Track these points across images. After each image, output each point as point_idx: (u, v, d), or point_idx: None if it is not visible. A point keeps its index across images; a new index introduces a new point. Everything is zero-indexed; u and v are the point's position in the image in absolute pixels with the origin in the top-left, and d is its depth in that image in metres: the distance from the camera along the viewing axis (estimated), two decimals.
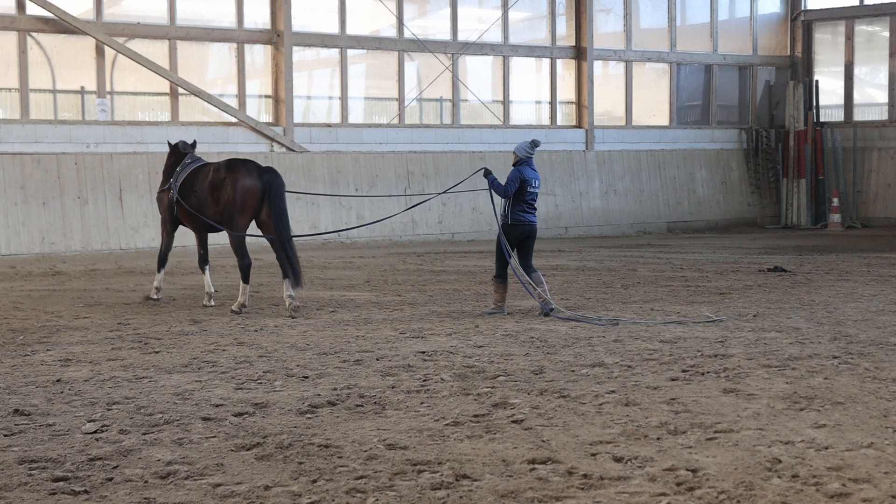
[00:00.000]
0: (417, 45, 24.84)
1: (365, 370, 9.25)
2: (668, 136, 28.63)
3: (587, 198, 27.08)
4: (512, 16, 26.36)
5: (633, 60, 28.22)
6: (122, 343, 10.65)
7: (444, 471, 6.28)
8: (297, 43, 23.43)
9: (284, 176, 22.37)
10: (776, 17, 30.59)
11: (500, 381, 8.77)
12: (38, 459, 6.43)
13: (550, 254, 21.00)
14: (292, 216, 22.31)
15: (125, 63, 21.57)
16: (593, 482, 6.07)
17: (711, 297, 14.17)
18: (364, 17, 24.67)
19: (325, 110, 24.41)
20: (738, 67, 30.02)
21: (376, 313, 12.84)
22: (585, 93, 27.16)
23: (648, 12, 28.84)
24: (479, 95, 25.99)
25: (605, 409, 7.72)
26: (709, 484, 5.97)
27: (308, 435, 7.06)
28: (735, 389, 8.30)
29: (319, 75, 25.03)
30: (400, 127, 24.76)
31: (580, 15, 27.08)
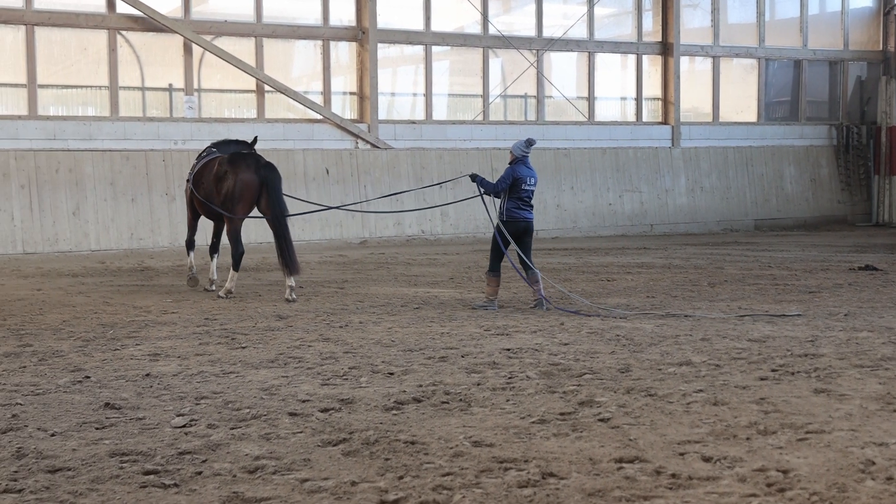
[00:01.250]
0: (502, 42, 24.79)
1: (450, 367, 9.24)
2: (755, 133, 28.27)
3: (673, 195, 26.84)
4: (597, 11, 26.20)
5: (720, 56, 27.90)
6: (209, 338, 10.76)
7: (531, 469, 6.24)
8: (382, 40, 23.51)
9: (368, 173, 22.66)
10: (868, 11, 30.04)
11: (587, 379, 8.71)
12: (128, 452, 6.51)
13: (636, 251, 20.85)
14: (377, 214, 22.54)
15: (212, 60, 21.82)
16: (682, 482, 5.99)
17: (800, 295, 13.96)
18: (449, 14, 24.69)
19: (409, 107, 24.47)
20: (828, 63, 29.55)
21: (460, 310, 12.84)
22: (672, 89, 26.91)
23: (736, 7, 28.49)
24: (563, 92, 25.88)
25: (693, 409, 7.62)
26: (800, 485, 5.86)
27: (394, 431, 7.06)
28: (826, 389, 8.15)
29: (404, 72, 25.10)
30: (484, 124, 24.74)
31: (667, 10, 26.84)
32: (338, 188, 22.47)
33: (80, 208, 20.12)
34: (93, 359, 9.63)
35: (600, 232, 25.45)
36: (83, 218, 20.14)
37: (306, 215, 21.98)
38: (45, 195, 19.88)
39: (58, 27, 20.68)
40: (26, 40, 20.39)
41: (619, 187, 26.07)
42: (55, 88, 21.00)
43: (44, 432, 6.98)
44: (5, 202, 19.58)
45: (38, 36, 20.54)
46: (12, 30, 20.39)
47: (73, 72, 21.15)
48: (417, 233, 23.21)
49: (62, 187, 20.06)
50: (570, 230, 25.16)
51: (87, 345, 10.38)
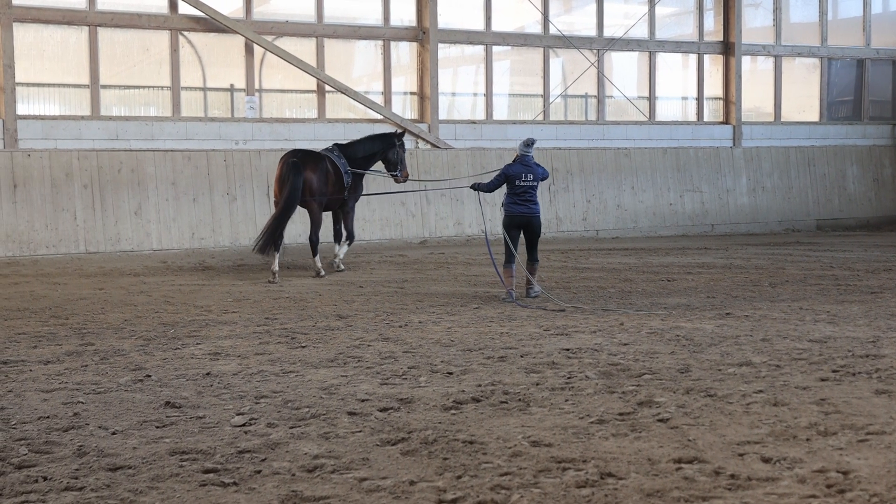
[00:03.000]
0: (562, 42, 24.75)
1: (509, 367, 9.25)
2: (817, 133, 27.99)
3: (734, 195, 26.64)
4: (658, 11, 26.08)
5: (782, 55, 27.66)
6: (269, 338, 10.85)
7: (589, 469, 6.24)
8: (443, 40, 23.56)
9: (429, 172, 22.70)
10: None
11: (646, 379, 8.68)
12: (188, 451, 6.58)
13: (696, 251, 20.73)
14: (438, 213, 22.58)
15: (273, 61, 21.98)
16: (741, 482, 5.96)
17: (863, 295, 13.81)
18: (509, 14, 24.69)
19: (469, 107, 24.50)
20: (891, 62, 29.19)
21: (520, 310, 12.84)
22: (733, 88, 26.72)
23: (798, 6, 28.24)
24: (624, 91, 25.79)
25: (752, 409, 7.58)
26: (860, 486, 5.82)
27: (453, 431, 7.08)
28: (888, 391, 8.07)
29: (464, 72, 25.12)
30: (544, 123, 24.72)
31: (728, 10, 26.66)
32: (397, 188, 22.55)
33: (142, 208, 20.36)
34: (154, 358, 9.75)
35: (661, 232, 25.34)
36: (145, 217, 20.38)
37: (368, 216, 22.06)
38: (107, 195, 20.14)
39: (120, 28, 20.93)
40: (89, 41, 20.67)
41: (680, 187, 25.93)
42: (118, 89, 21.27)
43: (105, 430, 7.08)
44: (68, 202, 19.86)
45: (100, 37, 20.81)
46: (75, 31, 20.68)
47: (136, 72, 21.41)
48: (478, 233, 23.22)
49: (124, 187, 20.31)
50: (631, 230, 25.05)
51: (148, 344, 10.51)
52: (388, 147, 17.69)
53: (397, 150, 17.69)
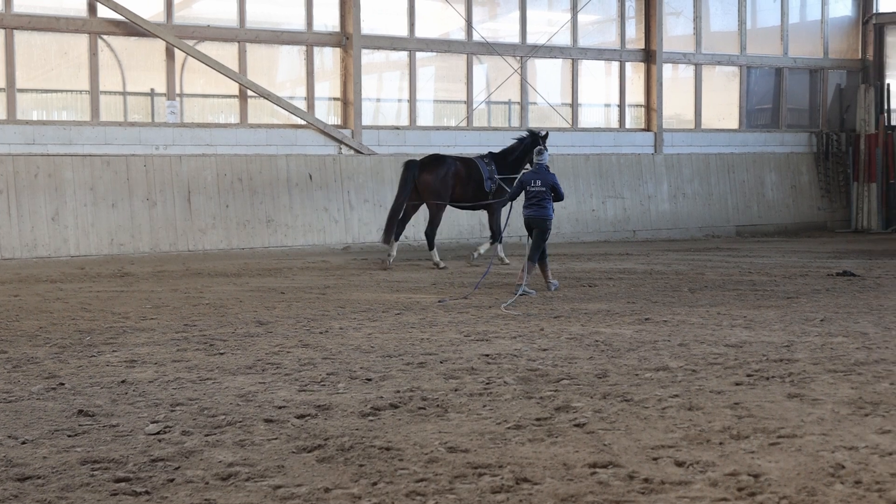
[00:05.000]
0: (486, 48, 24.84)
1: (428, 373, 9.26)
2: (737, 140, 28.37)
3: (655, 201, 26.91)
4: (581, 18, 26.27)
5: (702, 63, 27.99)
6: (187, 344, 10.76)
7: (505, 474, 6.27)
8: (366, 45, 23.54)
9: (352, 178, 22.68)
10: (847, 20, 30.18)
11: (564, 384, 8.74)
12: (100, 460, 6.50)
13: (618, 257, 20.90)
14: (361, 219, 22.56)
15: (195, 65, 21.81)
16: (654, 486, 6.03)
17: (779, 301, 14.02)
18: (433, 20, 24.73)
19: (394, 113, 24.50)
20: (808, 71, 29.68)
21: (442, 316, 12.86)
22: (654, 96, 27.00)
23: (718, 15, 28.59)
24: (547, 98, 25.94)
25: (668, 414, 7.66)
26: (770, 489, 5.91)
27: (370, 437, 7.08)
28: (800, 394, 8.20)
29: (389, 78, 25.12)
30: (468, 129, 24.79)
31: (650, 18, 26.93)
32: (321, 193, 22.49)
33: (60, 213, 20.09)
34: (68, 365, 9.62)
35: (583, 238, 25.51)
36: (62, 223, 20.10)
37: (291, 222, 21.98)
38: (23, 200, 19.85)
39: (38, 31, 20.64)
40: (6, 44, 20.35)
41: (602, 193, 26.13)
42: (35, 93, 20.97)
43: (14, 440, 6.97)
44: None
45: (17, 40, 20.50)
46: None
47: (54, 76, 21.12)
48: (401, 238, 23.20)
49: (41, 192, 20.02)
50: (554, 236, 25.15)
51: (63, 351, 10.36)
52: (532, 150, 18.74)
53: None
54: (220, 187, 21.41)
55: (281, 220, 21.97)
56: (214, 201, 21.29)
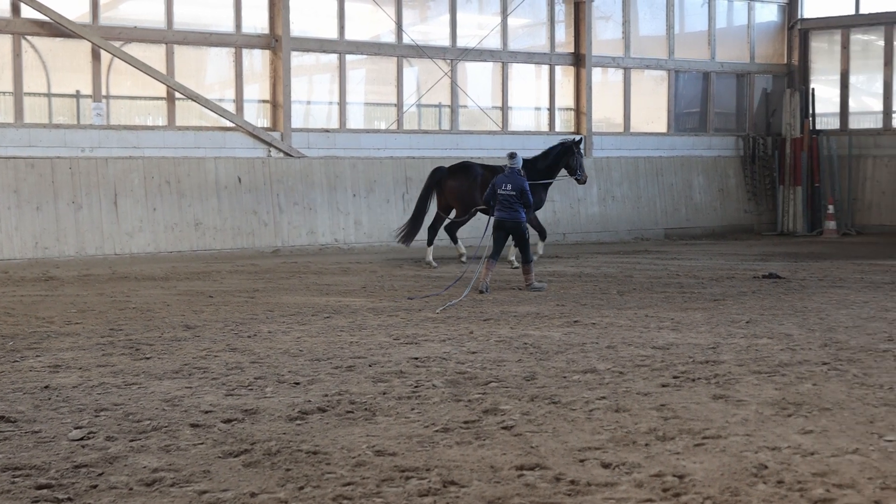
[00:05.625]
0: (416, 51, 24.85)
1: (357, 376, 9.24)
2: (665, 143, 28.62)
3: (585, 204, 27.06)
4: (511, 22, 26.37)
5: (631, 67, 28.22)
6: (112, 349, 10.64)
7: (432, 477, 6.28)
8: (296, 48, 23.43)
9: (281, 181, 22.57)
10: (773, 25, 30.59)
11: (492, 387, 8.77)
12: (22, 467, 6.41)
13: (548, 260, 20.99)
14: (291, 222, 22.45)
15: (121, 67, 21.58)
16: (580, 488, 6.06)
17: (706, 303, 14.17)
18: (364, 23, 24.68)
19: (324, 115, 24.41)
20: (735, 75, 30.04)
21: (371, 319, 12.83)
22: (584, 99, 27.16)
23: (647, 20, 28.84)
24: (477, 101, 26.00)
25: (595, 416, 7.72)
26: (695, 490, 5.97)
27: (297, 441, 7.05)
28: (725, 395, 8.29)
29: (319, 80, 25.03)
30: (398, 132, 24.77)
31: (579, 22, 27.09)
32: (250, 197, 22.35)
33: None
34: None
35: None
36: None
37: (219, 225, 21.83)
38: None
39: None
40: None
41: None
42: None
43: None
44: None
45: None
46: None
47: None
48: (331, 241, 23.16)
49: None
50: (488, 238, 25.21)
51: None
52: (567, 155, 19.78)
53: (576, 156, 19.77)
54: (147, 190, 21.20)
55: (209, 224, 21.81)
56: (142, 204, 21.07)
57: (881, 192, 28.87)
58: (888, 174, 28.77)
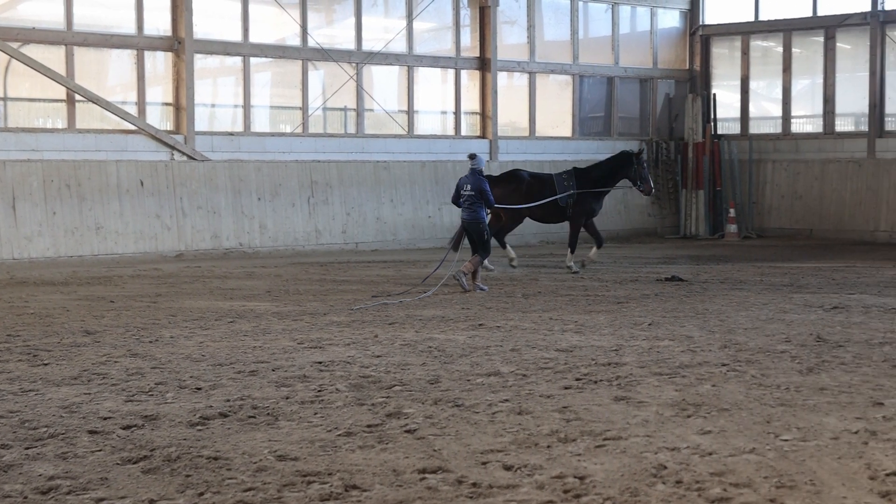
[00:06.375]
0: (321, 55, 24.76)
1: (260, 381, 9.18)
2: (570, 147, 28.85)
3: None
4: (417, 26, 26.39)
5: (536, 72, 28.42)
6: (9, 355, 10.43)
7: (334, 481, 6.26)
8: (199, 50, 23.20)
9: (185, 185, 22.33)
10: (675, 31, 31.02)
11: (396, 390, 8.76)
12: None
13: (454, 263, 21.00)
14: (194, 226, 22.22)
15: (20, 69, 21.18)
16: (482, 491, 6.08)
17: (609, 305, 14.30)
18: (269, 26, 24.52)
19: (229, 118, 24.20)
20: (638, 80, 30.39)
21: (276, 323, 12.75)
22: (489, 103, 27.29)
23: (552, 25, 29.06)
24: (383, 105, 25.98)
25: (497, 418, 7.75)
26: (595, 491, 6.02)
27: (197, 447, 6.98)
28: (626, 397, 8.38)
29: (224, 83, 24.81)
30: (304, 136, 24.65)
31: (484, 26, 27.21)
32: (152, 200, 22.08)
33: None
34: None
35: (420, 244, 25.61)
36: None
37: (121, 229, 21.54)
38: None
39: None
40: None
41: (439, 200, 26.27)
42: None
43: None
44: None
45: None
46: None
47: None
48: (235, 245, 22.97)
49: None
50: (391, 242, 25.25)
51: None
52: (625, 166, 19.66)
53: (635, 168, 19.54)
54: (46, 194, 20.83)
55: (111, 228, 21.50)
56: (41, 208, 20.70)
57: (780, 195, 29.42)
58: (787, 178, 29.33)
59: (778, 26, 29.47)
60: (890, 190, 27.62)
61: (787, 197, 29.32)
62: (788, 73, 29.48)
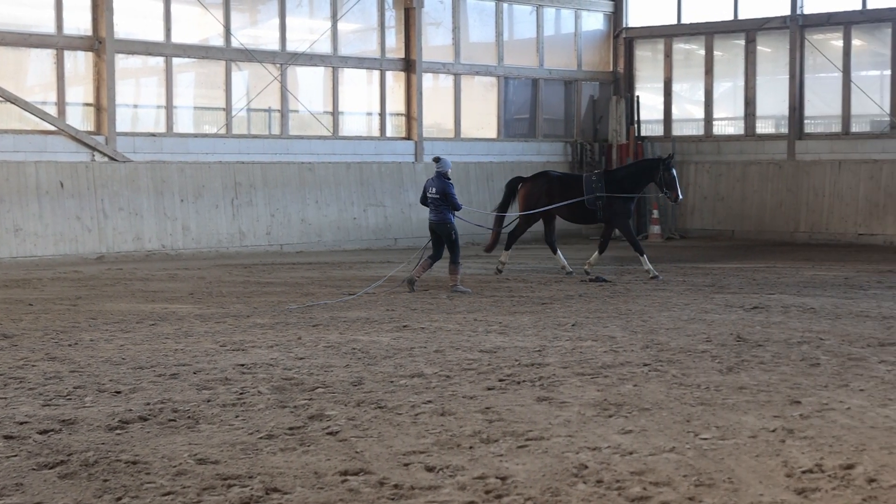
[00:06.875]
0: (245, 55, 24.59)
1: (181, 384, 9.09)
2: (496, 149, 28.94)
3: (416, 209, 27.11)
4: (342, 27, 26.31)
5: (461, 73, 28.46)
6: None
7: (255, 485, 6.21)
8: (120, 50, 22.92)
9: (106, 186, 22.05)
10: (599, 33, 31.24)
11: (319, 392, 8.72)
12: None
13: (379, 265, 21.00)
14: (116, 228, 21.96)
15: None
16: (404, 492, 6.07)
17: (533, 306, 14.36)
18: (192, 26, 24.29)
19: (152, 119, 23.94)
20: (563, 82, 30.57)
21: (198, 326, 12.64)
22: (415, 105, 27.27)
23: (477, 26, 29.12)
24: (308, 106, 25.86)
25: (420, 420, 7.74)
26: (517, 491, 6.03)
27: (116, 451, 6.89)
28: (548, 398, 8.41)
29: (146, 83, 24.53)
30: (227, 137, 24.45)
31: (410, 28, 27.20)
32: (73, 202, 21.78)
33: None
34: None
35: (345, 246, 25.53)
36: None
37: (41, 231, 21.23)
38: None
39: None
40: None
41: (364, 201, 26.22)
42: None
43: None
44: None
45: None
46: None
47: None
48: (158, 247, 22.72)
49: None
50: (315, 244, 25.13)
51: None
52: (651, 171, 18.99)
53: (662, 174, 18.77)
54: None
55: (30, 229, 21.16)
56: None
57: (703, 196, 29.74)
58: (709, 180, 29.66)
59: (700, 29, 29.79)
60: (809, 191, 28.05)
61: (709, 198, 29.66)
62: (710, 76, 29.82)
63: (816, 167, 27.90)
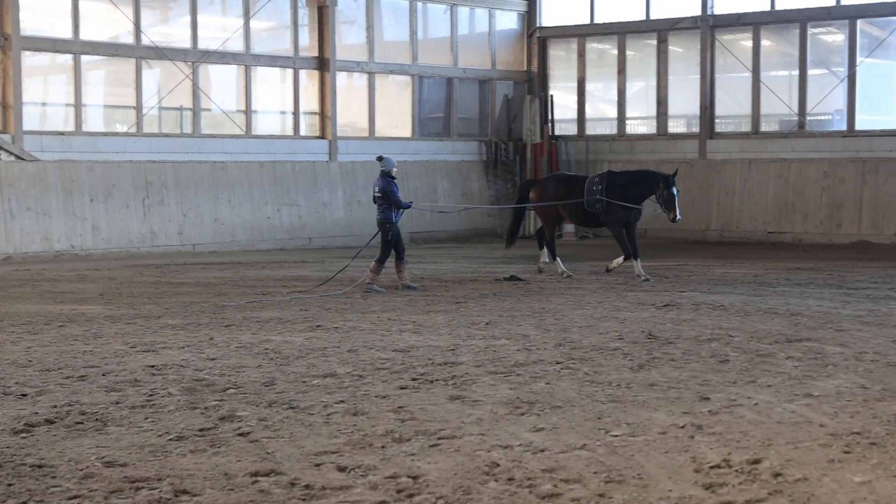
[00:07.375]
0: (156, 53, 24.30)
1: (89, 386, 8.95)
2: (410, 148, 28.92)
3: (331, 208, 27.07)
4: (254, 25, 26.12)
5: (375, 72, 28.41)
6: None
7: (164, 487, 6.14)
8: (27, 47, 22.54)
9: (13, 186, 21.65)
10: (513, 33, 31.38)
11: (230, 393, 8.64)
12: None
13: (293, 265, 20.90)
14: (23, 228, 21.57)
15: None
16: (315, 493, 6.04)
17: (448, 305, 14.37)
18: (101, 23, 23.95)
19: (61, 118, 23.57)
20: (477, 81, 30.65)
21: (108, 327, 12.46)
22: (329, 104, 27.17)
23: (391, 25, 29.09)
24: (221, 105, 25.64)
25: (332, 420, 7.70)
26: (428, 490, 6.03)
27: (21, 455, 6.77)
28: (461, 396, 8.42)
29: (54, 81, 24.15)
30: (138, 136, 24.15)
31: (323, 26, 27.09)
32: None
33: None
34: None
35: (258, 246, 25.35)
36: None
37: None
38: None
39: None
40: None
41: (278, 201, 26.06)
42: None
43: None
44: None
45: None
46: None
47: None
48: (67, 248, 22.37)
49: None
50: (229, 244, 24.93)
51: None
52: (654, 184, 18.20)
53: (661, 191, 18.06)
54: None
55: None
56: None
57: None
58: None
59: (612, 29, 30.06)
60: (720, 190, 28.43)
61: None
62: (623, 76, 30.10)
63: (727, 166, 28.30)
